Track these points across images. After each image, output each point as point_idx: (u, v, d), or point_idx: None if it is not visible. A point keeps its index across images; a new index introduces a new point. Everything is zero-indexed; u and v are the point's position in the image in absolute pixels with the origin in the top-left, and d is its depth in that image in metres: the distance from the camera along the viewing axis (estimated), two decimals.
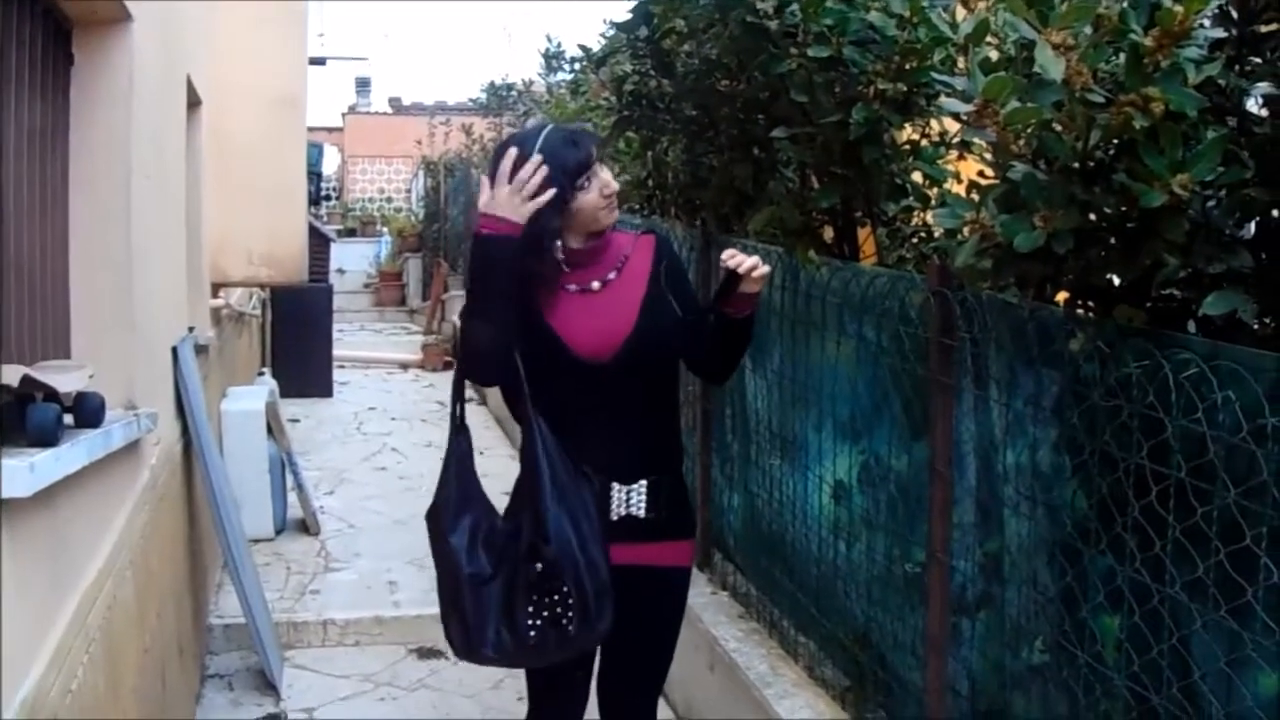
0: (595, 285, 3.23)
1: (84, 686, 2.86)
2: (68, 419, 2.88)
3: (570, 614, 3.00)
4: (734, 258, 3.03)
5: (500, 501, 3.17)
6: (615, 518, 3.17)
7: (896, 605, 3.72)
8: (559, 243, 3.14)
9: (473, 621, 3.07)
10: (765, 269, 3.08)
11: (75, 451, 2.71)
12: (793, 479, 4.47)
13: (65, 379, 2.84)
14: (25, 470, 2.28)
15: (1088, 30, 2.20)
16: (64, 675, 2.68)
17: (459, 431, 3.24)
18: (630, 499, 3.20)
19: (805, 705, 4.06)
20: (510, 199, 2.97)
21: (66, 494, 2.79)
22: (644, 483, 3.20)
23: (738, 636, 4.66)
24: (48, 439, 2.54)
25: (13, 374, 2.44)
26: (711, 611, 4.89)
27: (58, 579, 2.78)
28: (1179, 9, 2.09)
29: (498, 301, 3.04)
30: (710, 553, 5.24)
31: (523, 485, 3.13)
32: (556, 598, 3.00)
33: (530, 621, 3.02)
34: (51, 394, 2.70)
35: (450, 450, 3.23)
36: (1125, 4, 2.26)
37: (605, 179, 3.14)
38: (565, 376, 3.15)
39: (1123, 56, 2.27)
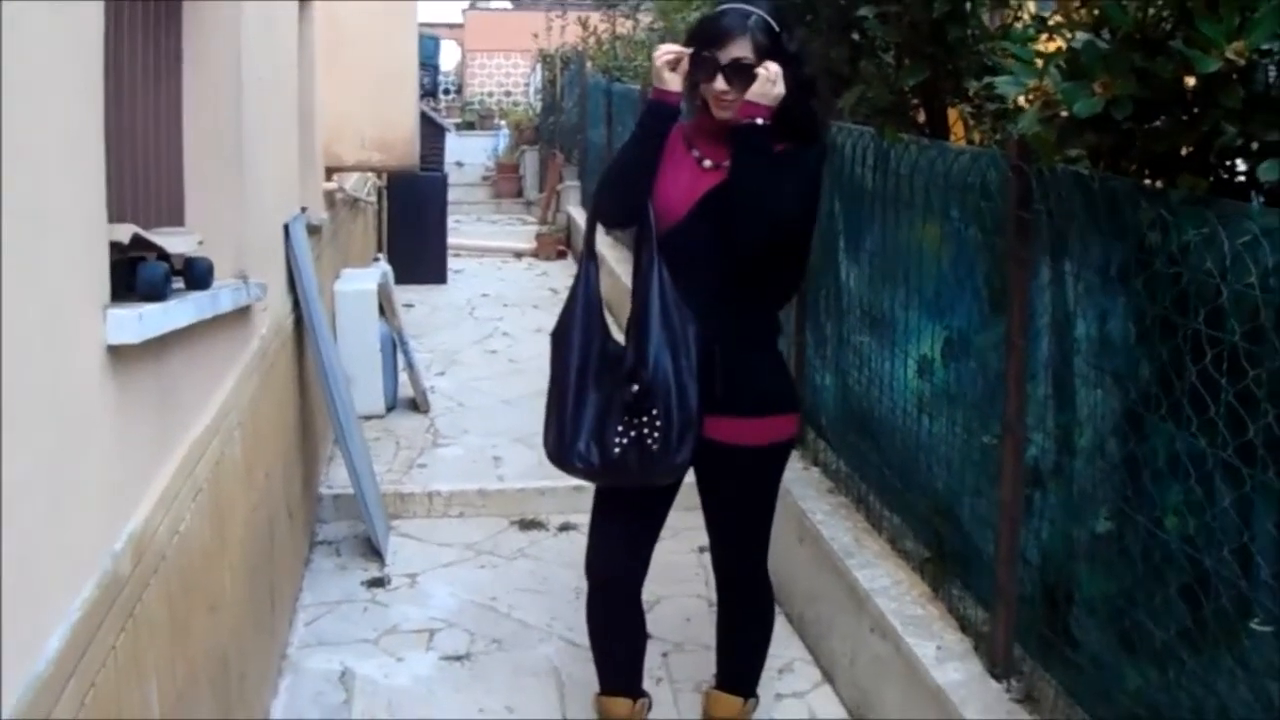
0: (707, 163, 3.44)
1: (190, 530, 3.05)
2: (178, 282, 3.05)
3: (656, 435, 3.24)
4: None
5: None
6: None
7: (975, 478, 3.81)
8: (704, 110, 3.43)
9: (569, 430, 3.37)
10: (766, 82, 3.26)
11: (183, 308, 2.88)
12: (881, 356, 4.56)
13: (175, 241, 3.02)
14: (134, 319, 2.44)
15: None
16: (171, 517, 2.86)
17: (589, 258, 3.53)
18: None
19: (884, 574, 4.18)
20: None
21: (175, 350, 2.97)
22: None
23: (826, 510, 4.78)
24: (156, 294, 2.69)
25: (124, 232, 2.60)
26: (801, 486, 5.02)
27: (166, 429, 2.97)
28: None
29: (633, 150, 3.51)
30: (804, 430, 5.35)
31: (634, 313, 3.36)
32: (645, 419, 3.26)
33: (618, 440, 3.30)
34: (162, 256, 2.86)
35: (579, 275, 3.54)
36: None
37: (719, 87, 3.32)
38: (660, 236, 3.37)
39: None
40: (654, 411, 3.26)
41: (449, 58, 28.82)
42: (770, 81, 3.25)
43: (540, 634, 4.85)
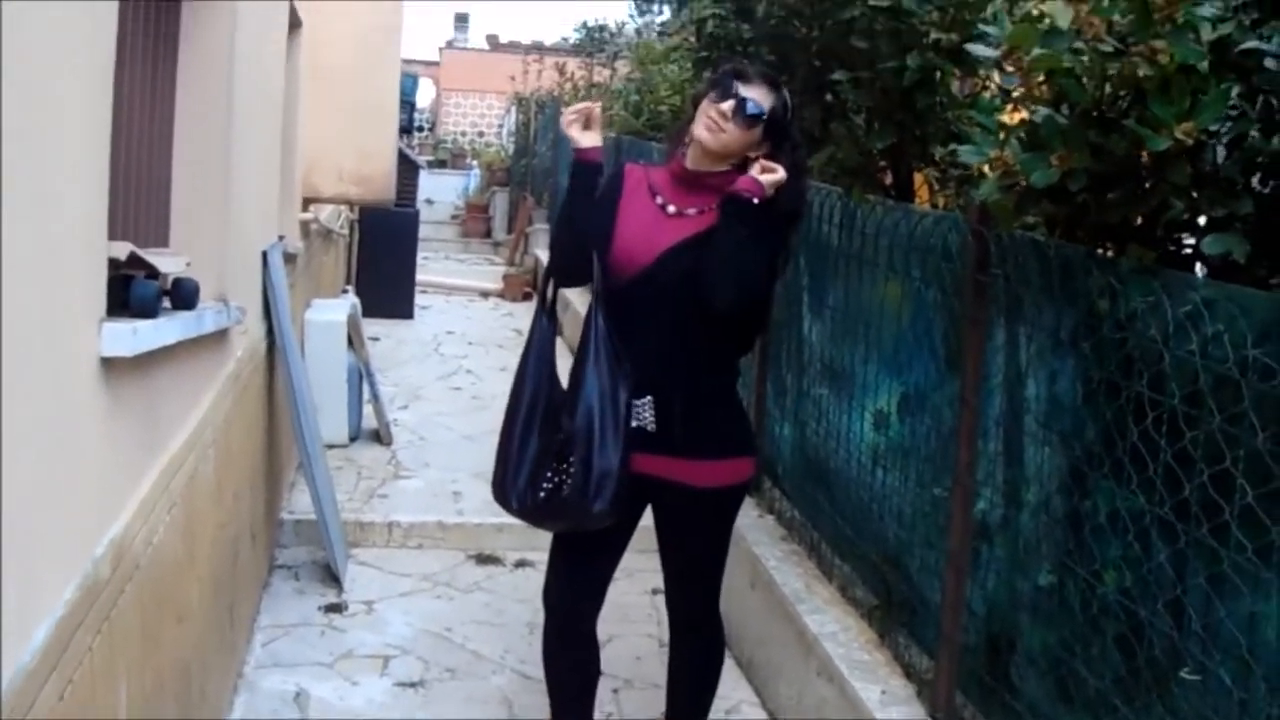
0: (671, 209, 3.55)
1: (163, 543, 3.14)
2: (165, 302, 3.16)
3: (568, 482, 3.35)
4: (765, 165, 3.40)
5: None
6: (632, 425, 3.47)
7: (924, 530, 3.93)
8: (681, 155, 3.56)
9: (510, 471, 3.50)
10: (777, 177, 3.39)
11: (171, 325, 2.98)
12: (839, 409, 4.69)
13: (166, 262, 3.13)
14: (129, 333, 2.55)
15: None
16: (147, 527, 2.95)
17: (542, 312, 3.65)
18: (640, 412, 3.50)
19: (833, 620, 4.29)
20: None
21: (161, 366, 3.07)
22: (649, 399, 3.49)
23: (778, 556, 4.90)
24: (148, 311, 2.80)
25: (121, 250, 2.71)
26: (756, 533, 5.13)
27: (148, 441, 3.06)
28: None
29: (566, 210, 3.67)
30: (761, 479, 5.47)
31: (574, 362, 3.49)
32: (566, 465, 3.35)
33: (545, 485, 3.44)
34: (152, 274, 2.97)
35: (533, 325, 3.67)
36: None
37: (719, 106, 3.42)
38: (608, 284, 3.50)
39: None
40: (571, 459, 3.40)
41: (424, 95, 28.95)
42: (779, 178, 3.40)
43: (493, 665, 4.93)
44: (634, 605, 5.47)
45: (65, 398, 2.32)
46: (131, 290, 2.80)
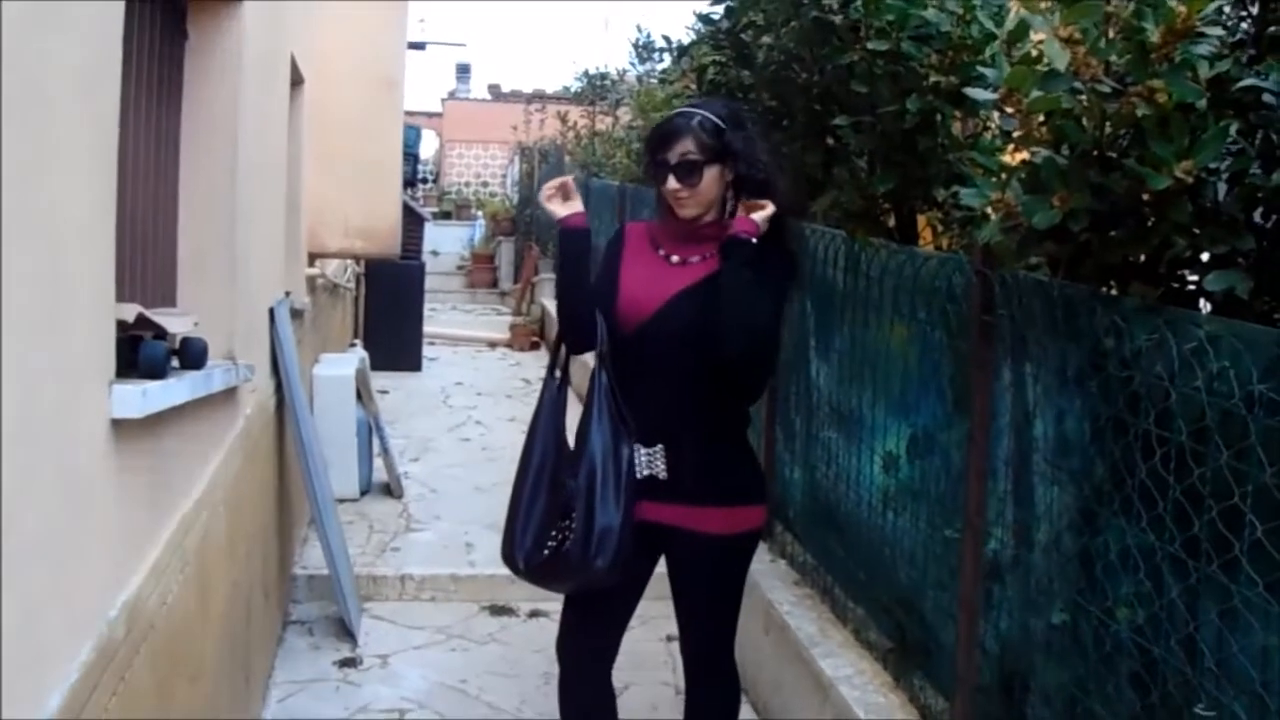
0: (675, 259, 3.60)
1: (177, 602, 3.15)
2: (173, 361, 3.18)
3: (569, 539, 3.37)
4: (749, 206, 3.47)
5: None
6: (640, 476, 3.49)
7: (937, 571, 3.93)
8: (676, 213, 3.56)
9: (517, 531, 3.50)
10: (766, 212, 3.46)
11: (180, 385, 3.00)
12: (848, 452, 4.69)
13: (174, 322, 3.15)
14: (138, 395, 2.57)
15: (1095, 25, 2.42)
16: (161, 587, 2.97)
17: (556, 379, 3.67)
18: (652, 461, 3.52)
19: (848, 664, 4.28)
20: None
21: (170, 426, 3.09)
22: (660, 447, 3.51)
23: (792, 601, 4.89)
24: (157, 372, 2.82)
25: (129, 311, 2.73)
26: (769, 577, 5.12)
27: (158, 502, 3.08)
28: (1182, 9, 2.30)
29: (559, 276, 3.71)
30: (772, 524, 5.47)
31: (580, 421, 3.51)
32: (568, 522, 3.36)
33: (549, 543, 3.45)
34: (160, 334, 2.99)
35: (543, 388, 3.69)
36: (1137, 2, 2.47)
37: (671, 186, 3.48)
38: (616, 336, 3.53)
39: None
40: (573, 515, 3.41)
41: (427, 146, 29.10)
42: (769, 212, 3.46)
43: (510, 717, 4.92)
44: (650, 653, 5.46)
45: (76, 460, 2.33)
46: (140, 351, 2.81)
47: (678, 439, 3.51)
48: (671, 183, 3.47)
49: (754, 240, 3.41)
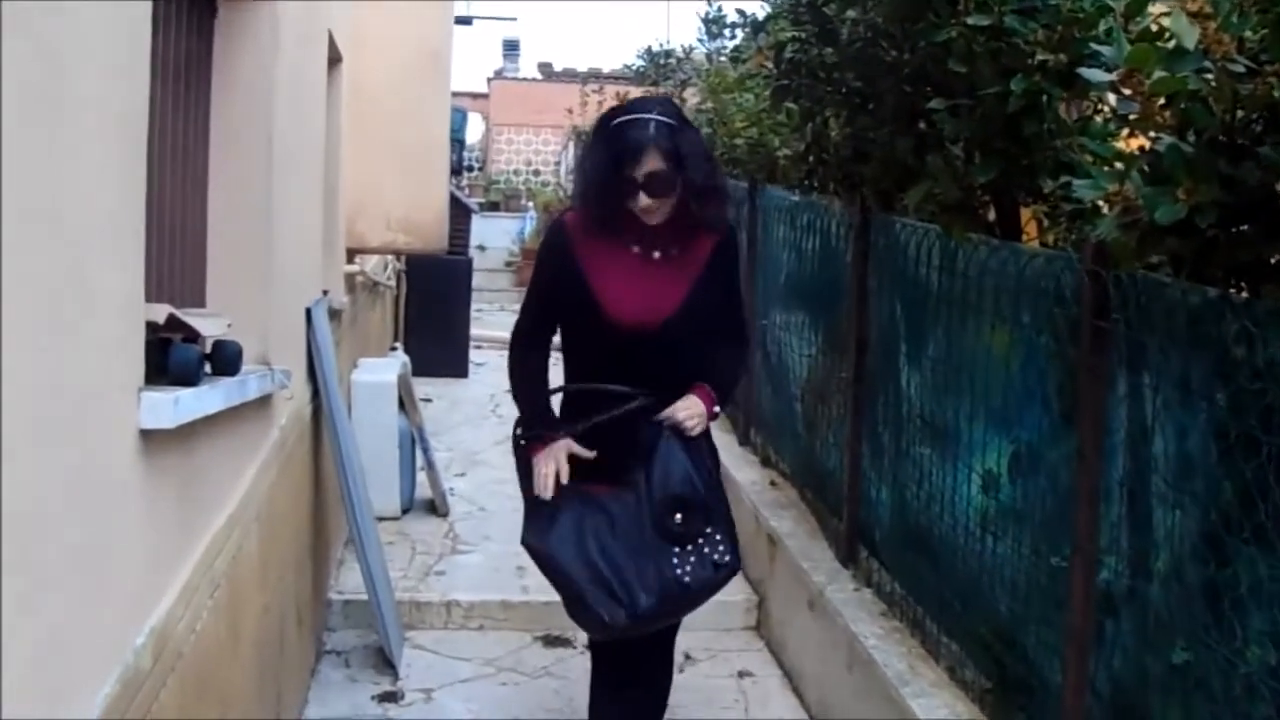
0: (656, 255, 3.86)
1: (207, 629, 3.17)
2: (206, 367, 3.20)
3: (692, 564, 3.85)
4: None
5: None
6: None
7: (1041, 603, 3.89)
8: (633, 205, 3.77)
9: (618, 593, 3.91)
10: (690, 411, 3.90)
11: (214, 394, 3.03)
12: (942, 470, 4.66)
13: (206, 324, 3.17)
14: (169, 403, 2.58)
15: None
16: (190, 613, 2.99)
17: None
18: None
19: (943, 705, 4.25)
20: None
21: (202, 438, 3.11)
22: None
23: (878, 634, 4.86)
24: (189, 378, 2.84)
25: (159, 313, 2.75)
26: (853, 608, 5.10)
27: (189, 520, 3.10)
28: None
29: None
30: (856, 549, 5.44)
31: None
32: (688, 549, 3.90)
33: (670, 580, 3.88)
34: (191, 337, 3.01)
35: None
36: None
37: (645, 203, 3.71)
38: (602, 342, 3.89)
39: None
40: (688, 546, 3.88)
41: (473, 131, 29.14)
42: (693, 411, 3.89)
43: None
44: (719, 689, 5.44)
45: (101, 475, 2.35)
46: (171, 355, 2.83)
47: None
48: (644, 199, 3.71)
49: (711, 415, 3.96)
